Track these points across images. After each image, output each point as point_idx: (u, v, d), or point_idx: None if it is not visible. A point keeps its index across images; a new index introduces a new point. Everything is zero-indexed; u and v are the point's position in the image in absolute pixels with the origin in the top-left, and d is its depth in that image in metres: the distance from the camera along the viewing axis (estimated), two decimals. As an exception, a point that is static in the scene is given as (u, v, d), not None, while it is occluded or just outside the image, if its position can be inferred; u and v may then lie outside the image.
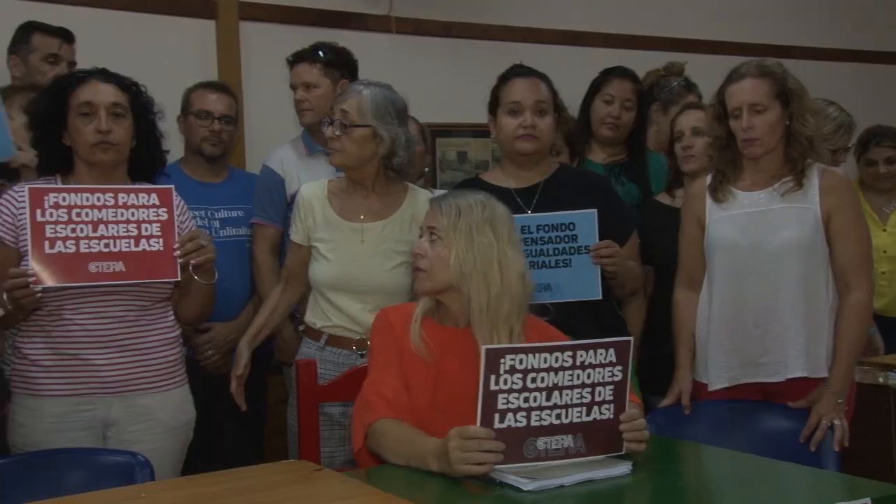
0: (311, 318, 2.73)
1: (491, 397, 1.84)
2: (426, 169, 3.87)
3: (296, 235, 2.74)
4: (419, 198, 2.72)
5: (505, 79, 2.85)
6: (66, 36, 3.34)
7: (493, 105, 2.86)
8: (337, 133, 2.62)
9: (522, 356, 1.85)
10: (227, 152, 3.35)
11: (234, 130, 3.36)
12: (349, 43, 3.44)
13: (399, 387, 2.10)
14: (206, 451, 2.80)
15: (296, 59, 3.28)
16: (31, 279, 2.26)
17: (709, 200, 2.66)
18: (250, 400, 2.69)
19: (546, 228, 2.68)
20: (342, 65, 3.27)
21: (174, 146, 3.01)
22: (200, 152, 3.24)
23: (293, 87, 3.29)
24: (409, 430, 2.02)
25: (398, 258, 2.65)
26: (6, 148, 2.71)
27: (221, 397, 2.78)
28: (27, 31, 3.31)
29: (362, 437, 2.06)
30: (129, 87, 2.51)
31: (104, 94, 2.45)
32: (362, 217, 2.69)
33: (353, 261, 2.65)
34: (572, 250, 2.69)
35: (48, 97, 2.50)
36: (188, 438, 2.56)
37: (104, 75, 2.49)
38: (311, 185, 2.78)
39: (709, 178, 2.70)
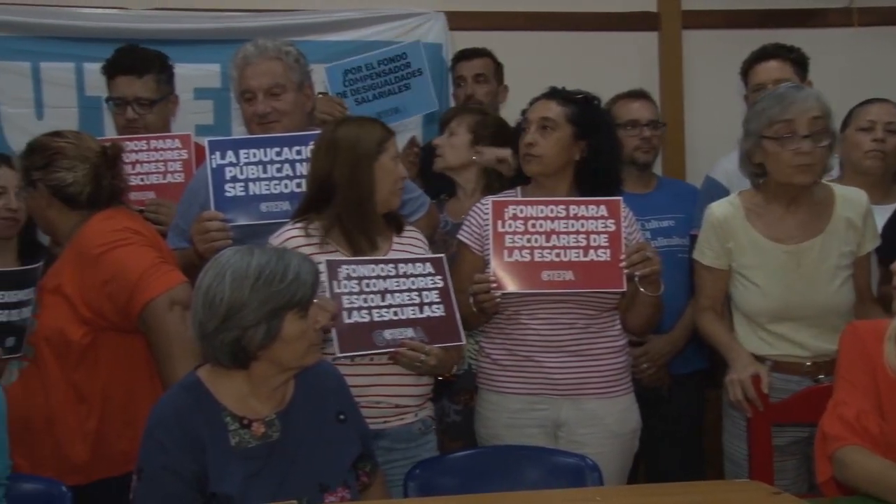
0: (746, 345, 2.56)
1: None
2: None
3: (712, 258, 2.60)
4: (850, 197, 2.50)
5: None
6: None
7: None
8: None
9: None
10: (654, 159, 3.33)
11: (662, 135, 3.33)
12: (798, 41, 3.23)
13: (868, 409, 1.91)
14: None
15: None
16: (492, 285, 2.44)
17: None
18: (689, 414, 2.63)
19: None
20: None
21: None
22: (633, 161, 3.25)
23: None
24: (878, 463, 1.83)
25: (843, 273, 2.44)
26: (431, 102, 3.17)
27: (656, 410, 2.76)
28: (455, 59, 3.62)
29: (827, 467, 1.91)
30: (574, 102, 2.60)
31: (539, 110, 2.59)
32: (794, 237, 2.51)
33: (792, 287, 2.48)
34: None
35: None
36: (634, 447, 2.59)
37: (551, 94, 2.62)
38: (722, 203, 2.63)
39: None
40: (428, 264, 2.40)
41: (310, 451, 1.94)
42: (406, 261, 2.39)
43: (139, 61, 2.98)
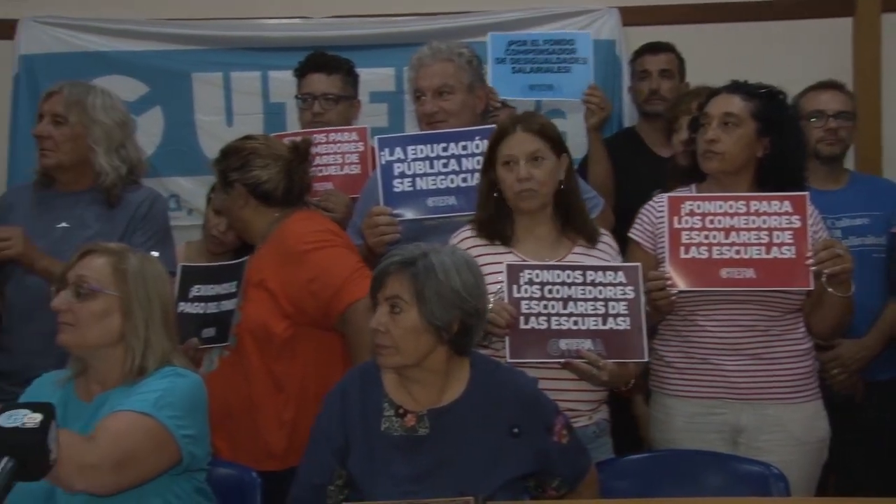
0: None
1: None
2: None
3: None
4: None
5: None
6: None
7: None
8: None
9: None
10: (843, 153, 3.12)
11: (852, 127, 3.11)
12: None
13: None
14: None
15: None
16: (667, 282, 2.37)
17: None
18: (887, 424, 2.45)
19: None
20: None
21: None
22: (817, 154, 3.05)
23: None
24: None
25: None
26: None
27: (849, 420, 2.60)
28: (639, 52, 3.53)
29: None
30: (758, 96, 2.47)
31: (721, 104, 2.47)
32: None
33: None
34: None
35: None
36: (822, 457, 2.44)
37: (733, 88, 2.50)
38: None
39: None
40: (620, 273, 2.31)
41: (458, 456, 1.94)
42: (596, 268, 2.31)
43: (330, 61, 3.15)
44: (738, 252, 2.37)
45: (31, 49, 3.73)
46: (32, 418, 1.57)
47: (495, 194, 2.38)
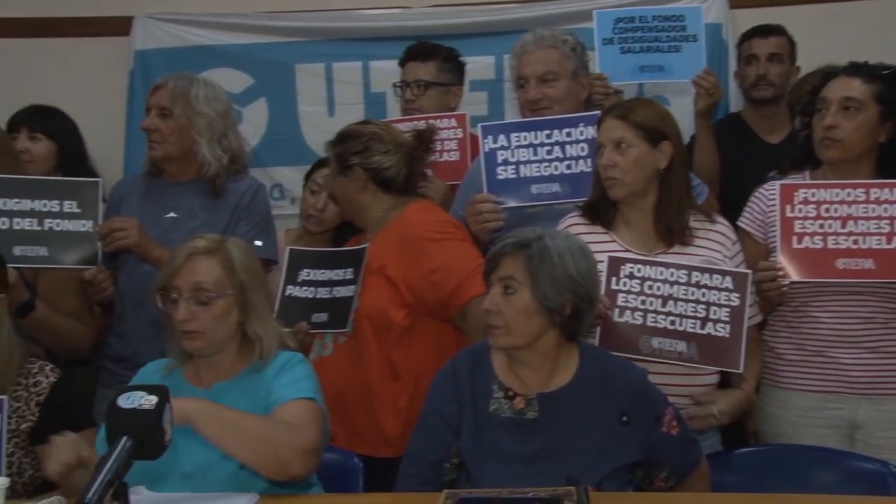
0: None
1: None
2: None
3: None
4: None
5: None
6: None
7: None
8: None
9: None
10: None
11: None
12: None
13: None
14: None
15: None
16: (778, 273, 2.28)
17: None
18: None
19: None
20: None
21: None
22: None
23: None
24: None
25: None
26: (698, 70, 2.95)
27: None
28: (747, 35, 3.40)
29: None
30: (880, 78, 2.36)
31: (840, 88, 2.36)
32: None
33: None
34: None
35: None
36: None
37: (853, 70, 2.39)
38: None
39: None
40: (728, 279, 2.23)
41: (566, 441, 1.95)
42: (703, 270, 2.24)
43: (426, 49, 3.17)
44: (855, 242, 2.28)
45: (146, 45, 3.85)
46: (149, 400, 1.62)
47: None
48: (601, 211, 2.35)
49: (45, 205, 2.60)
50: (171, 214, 2.74)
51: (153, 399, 1.62)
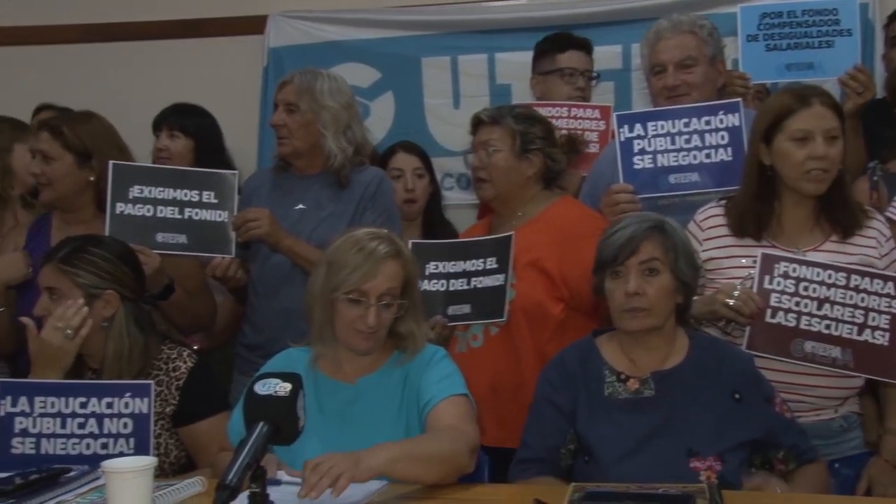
0: None
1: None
2: None
3: None
4: None
5: None
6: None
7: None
8: None
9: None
10: None
11: None
12: None
13: None
14: None
15: None
16: None
17: None
18: None
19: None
20: None
21: None
22: None
23: None
24: None
25: None
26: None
27: None
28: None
29: None
30: None
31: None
32: None
33: None
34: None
35: None
36: None
37: None
38: None
39: None
40: (889, 284, 2.11)
41: (685, 415, 1.97)
42: (863, 273, 2.12)
43: (586, 41, 3.19)
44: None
45: (279, 42, 3.97)
46: (283, 387, 1.67)
47: (769, 172, 2.22)
48: (754, 213, 2.23)
49: (186, 194, 2.68)
50: (300, 206, 2.79)
51: (287, 386, 1.67)
